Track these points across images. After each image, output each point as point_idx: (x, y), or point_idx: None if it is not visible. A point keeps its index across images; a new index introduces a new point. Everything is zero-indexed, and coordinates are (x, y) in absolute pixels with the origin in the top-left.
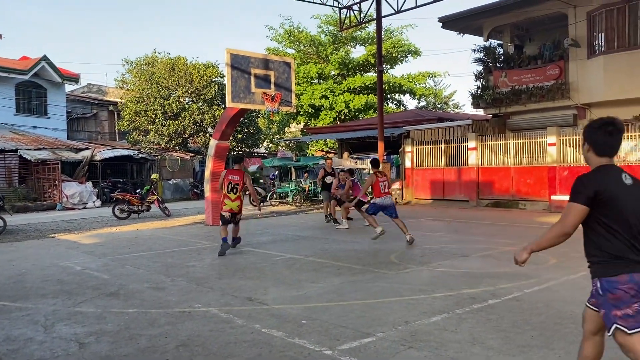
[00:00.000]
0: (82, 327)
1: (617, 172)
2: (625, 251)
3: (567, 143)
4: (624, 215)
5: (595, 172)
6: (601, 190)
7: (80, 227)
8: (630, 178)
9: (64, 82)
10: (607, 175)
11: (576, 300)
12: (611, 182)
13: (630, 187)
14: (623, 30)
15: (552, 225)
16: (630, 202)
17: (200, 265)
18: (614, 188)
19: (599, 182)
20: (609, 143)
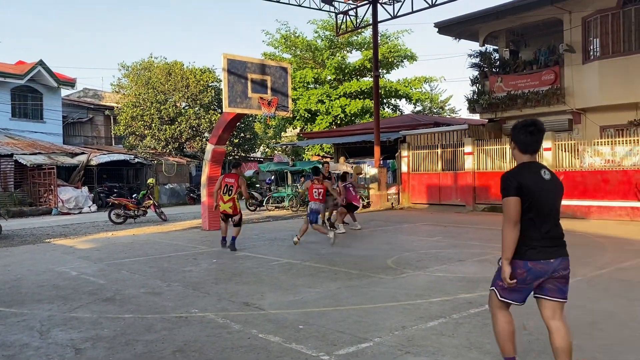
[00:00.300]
0: (78, 333)
1: (538, 168)
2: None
3: (562, 148)
4: (541, 206)
5: (518, 168)
6: (523, 184)
7: (76, 232)
8: (549, 173)
9: (60, 87)
10: (528, 171)
11: (573, 305)
12: (532, 178)
13: (548, 181)
14: (618, 36)
15: (503, 229)
16: (547, 195)
17: (197, 270)
18: (534, 183)
19: (522, 176)
20: (530, 142)
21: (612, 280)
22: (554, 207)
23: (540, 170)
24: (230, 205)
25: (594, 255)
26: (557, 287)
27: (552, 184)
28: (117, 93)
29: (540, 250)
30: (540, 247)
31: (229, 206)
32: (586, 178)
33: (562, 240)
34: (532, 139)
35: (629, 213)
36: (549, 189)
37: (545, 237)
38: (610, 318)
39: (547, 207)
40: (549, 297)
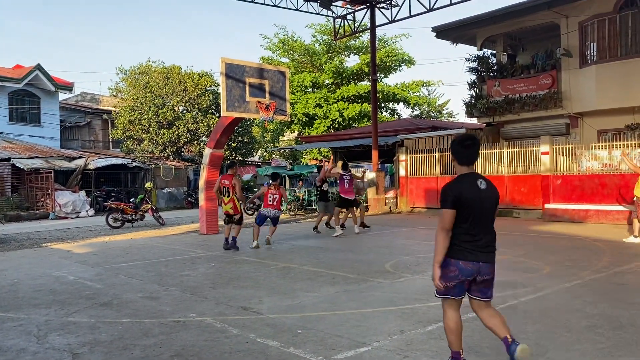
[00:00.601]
0: (76, 338)
1: (474, 178)
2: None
3: (560, 152)
4: (476, 215)
5: (456, 181)
6: (461, 195)
7: (74, 236)
8: (485, 182)
9: (58, 91)
10: (465, 182)
11: (571, 309)
12: (469, 188)
13: (484, 190)
14: (614, 40)
15: (436, 236)
16: (481, 203)
17: (195, 274)
18: (471, 193)
19: (460, 188)
20: (467, 154)
21: (610, 284)
22: (487, 214)
23: (477, 180)
24: (231, 206)
25: (591, 259)
26: (480, 289)
27: (487, 193)
28: (114, 97)
29: (471, 253)
30: (472, 250)
31: (230, 207)
32: (584, 182)
33: (492, 246)
34: (469, 152)
35: (626, 217)
36: (484, 198)
37: (477, 241)
38: (608, 322)
39: (481, 215)
40: (475, 297)
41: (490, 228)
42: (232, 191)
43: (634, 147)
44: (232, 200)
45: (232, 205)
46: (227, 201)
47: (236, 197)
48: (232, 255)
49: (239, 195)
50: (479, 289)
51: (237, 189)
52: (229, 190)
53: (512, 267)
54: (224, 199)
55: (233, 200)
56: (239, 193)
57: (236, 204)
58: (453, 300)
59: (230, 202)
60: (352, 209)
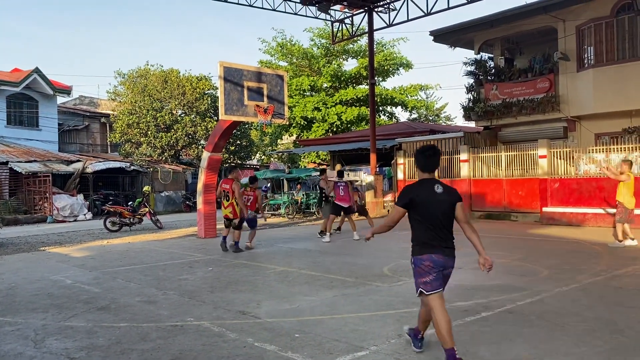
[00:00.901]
0: (73, 342)
1: (432, 183)
2: (433, 238)
3: (557, 155)
4: (433, 215)
5: (415, 184)
6: (415, 197)
7: (71, 240)
8: (441, 187)
9: (56, 94)
10: (423, 186)
11: (569, 313)
12: (424, 192)
13: (439, 194)
14: (612, 44)
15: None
16: (437, 205)
17: (193, 278)
18: (427, 196)
19: (416, 192)
20: (427, 163)
21: (608, 288)
22: (445, 214)
23: (434, 185)
24: (230, 210)
25: (589, 263)
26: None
27: (443, 197)
28: (113, 100)
29: (438, 247)
30: (438, 245)
31: (229, 211)
32: (581, 185)
33: (452, 242)
34: (429, 160)
35: None
36: (440, 200)
37: (440, 238)
38: (606, 325)
39: (438, 215)
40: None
41: (450, 228)
42: (232, 195)
43: (631, 151)
44: (232, 204)
45: (232, 210)
46: (227, 205)
47: (235, 201)
48: (230, 259)
49: (239, 200)
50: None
51: (236, 194)
52: (228, 195)
53: (510, 271)
54: (224, 202)
55: (232, 205)
56: (239, 198)
57: (235, 208)
58: (436, 295)
59: (230, 207)
60: (350, 215)
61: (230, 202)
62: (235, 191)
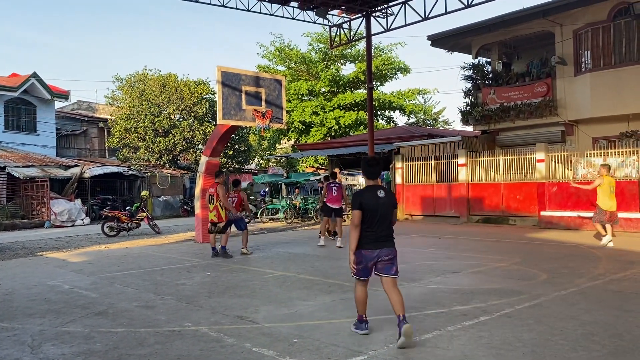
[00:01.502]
0: (70, 347)
1: (375, 189)
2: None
3: (555, 159)
4: (374, 216)
5: (362, 190)
6: (365, 202)
7: (69, 245)
8: (384, 192)
9: (54, 99)
10: (368, 192)
11: (567, 317)
12: (370, 197)
13: (381, 198)
14: (609, 48)
15: (350, 231)
16: (379, 207)
17: (190, 283)
18: (372, 200)
19: (362, 197)
20: (371, 171)
21: (606, 292)
22: (385, 215)
23: (377, 190)
24: (215, 214)
25: (587, 267)
26: (384, 267)
27: (384, 200)
28: (111, 105)
29: (369, 243)
30: (372, 241)
31: (214, 214)
32: (579, 189)
33: (388, 237)
34: (372, 169)
35: (622, 224)
36: (382, 204)
37: (373, 235)
38: (604, 330)
39: (378, 216)
40: (381, 274)
41: (388, 224)
42: (217, 198)
43: (628, 155)
44: (217, 207)
45: (216, 213)
46: (212, 209)
47: (220, 205)
48: (228, 264)
49: (224, 201)
50: (383, 267)
51: (220, 196)
52: (213, 198)
53: (509, 275)
54: (210, 206)
55: (217, 208)
56: (224, 200)
57: (220, 212)
58: (360, 280)
59: (215, 210)
60: (339, 219)
61: (215, 206)
62: (220, 193)
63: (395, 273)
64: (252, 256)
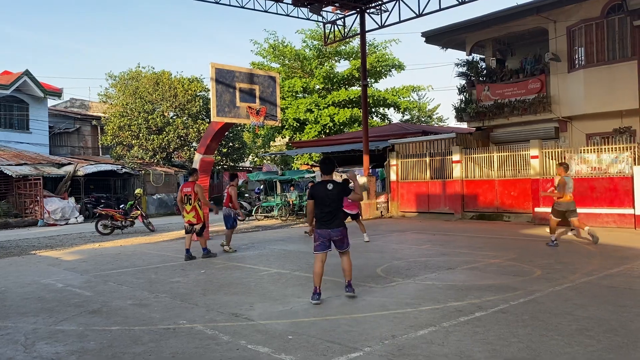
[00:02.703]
0: (64, 346)
1: (326, 183)
2: (323, 218)
3: (549, 156)
4: (324, 204)
5: (316, 184)
6: (314, 193)
7: (62, 243)
8: (332, 185)
9: (47, 97)
10: (320, 186)
11: (562, 312)
12: (320, 189)
13: (329, 190)
14: (602, 45)
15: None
16: (328, 198)
17: (185, 281)
18: (321, 192)
19: (315, 189)
20: (325, 169)
21: (600, 287)
22: (334, 204)
23: (327, 184)
24: (193, 215)
25: (581, 262)
26: (337, 245)
27: (332, 191)
28: (104, 103)
29: (322, 224)
30: (324, 223)
31: (192, 215)
32: (573, 185)
33: (338, 220)
34: (326, 167)
35: (615, 220)
36: (330, 194)
37: (327, 218)
38: (599, 325)
39: (327, 204)
40: (337, 249)
41: (336, 211)
42: (194, 199)
43: (621, 151)
44: (195, 208)
45: (195, 214)
46: (189, 210)
47: (198, 205)
48: (223, 262)
49: (204, 201)
50: (336, 244)
51: (200, 196)
52: (190, 198)
53: (503, 271)
54: (186, 207)
55: (195, 209)
56: (203, 199)
57: (199, 213)
58: (318, 255)
59: (193, 211)
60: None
61: (193, 207)
62: (199, 193)
63: (346, 247)
64: (246, 253)
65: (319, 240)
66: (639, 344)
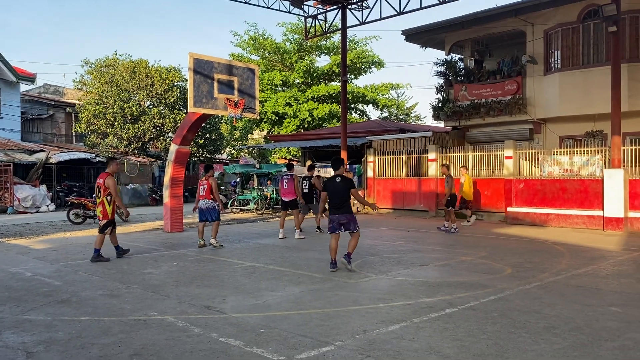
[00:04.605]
0: (31, 336)
1: (335, 177)
2: (334, 206)
3: (523, 156)
4: (334, 194)
5: (328, 179)
6: (328, 186)
7: (32, 231)
8: (340, 179)
9: (19, 82)
10: (331, 180)
11: (530, 310)
12: (331, 182)
13: (337, 183)
14: (578, 49)
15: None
16: (336, 189)
17: (157, 272)
18: (331, 185)
19: (327, 183)
20: (334, 166)
21: (568, 286)
22: (341, 195)
23: (336, 178)
24: (100, 210)
25: (551, 262)
26: (345, 227)
27: (340, 185)
28: (79, 90)
29: (333, 210)
30: (334, 209)
31: (99, 210)
32: (545, 186)
33: (345, 207)
34: (335, 165)
35: (585, 221)
36: (337, 187)
37: (335, 206)
38: (565, 323)
39: (337, 194)
40: (346, 230)
41: (344, 200)
42: (104, 192)
43: (593, 153)
44: (102, 203)
45: (102, 209)
46: (98, 203)
47: (107, 199)
48: (196, 254)
49: (115, 196)
50: (344, 227)
51: (111, 189)
52: (100, 191)
53: (474, 269)
54: (97, 200)
55: (102, 204)
56: (115, 194)
57: (106, 208)
58: (332, 235)
59: (100, 206)
60: (295, 212)
61: (101, 201)
62: (111, 187)
63: (353, 229)
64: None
65: (331, 223)
66: (602, 342)
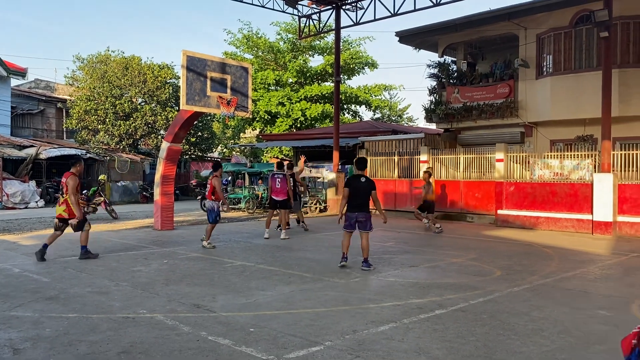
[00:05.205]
0: (18, 332)
1: (359, 177)
2: (353, 204)
3: (514, 160)
4: (356, 193)
5: (351, 177)
6: (349, 184)
7: (21, 227)
8: (365, 179)
9: (10, 76)
10: (354, 178)
11: (519, 312)
12: (354, 181)
13: (361, 182)
14: (569, 54)
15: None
16: (359, 188)
17: (147, 270)
18: (354, 183)
19: (350, 181)
20: (359, 167)
21: (557, 289)
22: (363, 194)
23: (360, 177)
24: (64, 209)
25: (540, 265)
26: (361, 226)
27: (364, 184)
28: (70, 85)
29: (351, 209)
30: (353, 208)
31: (62, 209)
32: (535, 190)
33: (364, 206)
34: (360, 165)
35: (574, 225)
36: (361, 186)
37: (355, 204)
38: (553, 326)
39: (359, 193)
40: (359, 229)
41: (364, 199)
42: (66, 191)
43: (583, 158)
44: (66, 201)
45: (66, 208)
46: (61, 202)
47: (70, 199)
48: (186, 252)
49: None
50: (359, 225)
51: (70, 189)
52: (63, 190)
53: (464, 271)
54: (60, 200)
55: (67, 202)
56: (72, 194)
57: (71, 207)
58: (346, 232)
59: (64, 204)
60: (283, 211)
61: (65, 200)
62: (70, 186)
63: (368, 229)
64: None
65: (347, 221)
66: (590, 345)
